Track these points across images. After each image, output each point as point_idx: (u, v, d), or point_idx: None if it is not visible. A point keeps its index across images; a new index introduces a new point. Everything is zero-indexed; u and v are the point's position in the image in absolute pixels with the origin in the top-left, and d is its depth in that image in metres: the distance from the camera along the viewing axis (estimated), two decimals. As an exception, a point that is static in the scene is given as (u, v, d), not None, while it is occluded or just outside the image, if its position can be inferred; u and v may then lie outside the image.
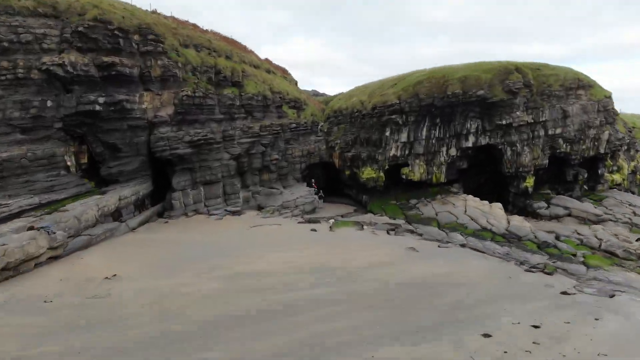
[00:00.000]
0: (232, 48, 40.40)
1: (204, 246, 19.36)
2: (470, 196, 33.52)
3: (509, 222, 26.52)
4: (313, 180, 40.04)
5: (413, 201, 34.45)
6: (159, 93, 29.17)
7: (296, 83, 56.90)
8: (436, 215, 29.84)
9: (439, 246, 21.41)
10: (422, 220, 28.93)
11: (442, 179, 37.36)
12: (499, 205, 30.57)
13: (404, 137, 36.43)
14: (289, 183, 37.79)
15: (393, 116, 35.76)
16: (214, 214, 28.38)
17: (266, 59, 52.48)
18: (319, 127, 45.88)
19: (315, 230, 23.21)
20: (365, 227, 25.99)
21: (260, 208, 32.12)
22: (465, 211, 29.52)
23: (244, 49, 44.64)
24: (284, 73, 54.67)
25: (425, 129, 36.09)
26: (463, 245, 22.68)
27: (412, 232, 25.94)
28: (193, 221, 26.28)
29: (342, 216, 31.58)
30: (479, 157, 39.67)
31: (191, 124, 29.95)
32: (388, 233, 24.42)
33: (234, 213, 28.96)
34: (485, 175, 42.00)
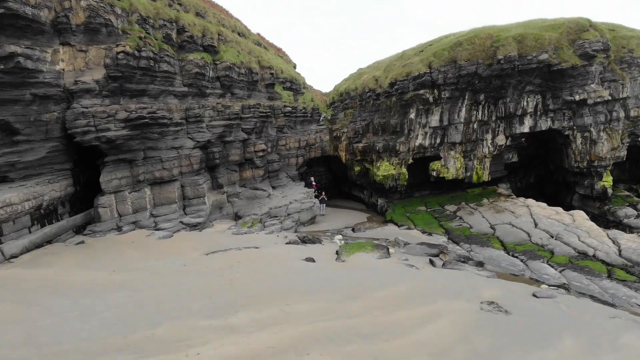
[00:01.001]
0: (208, 7, 30.60)
1: (95, 306, 9.46)
2: (532, 200, 23.45)
3: (616, 242, 16.53)
4: (312, 178, 30.13)
5: (450, 207, 24.43)
6: (82, 49, 19.16)
7: (295, 66, 46.84)
8: (492, 228, 19.81)
9: (534, 295, 11.47)
10: (473, 238, 18.91)
11: (485, 177, 27.39)
12: (583, 214, 20.49)
13: (434, 119, 26.49)
14: (280, 182, 27.95)
15: (420, 91, 25.82)
16: (162, 229, 18.56)
17: (257, 34, 42.71)
18: (322, 117, 36.14)
19: (312, 260, 13.42)
20: (391, 249, 16.11)
21: (237, 217, 22.35)
22: (536, 224, 19.50)
23: (225, 12, 34.81)
24: (279, 52, 44.81)
25: (464, 109, 26.14)
26: (567, 289, 12.81)
27: (466, 259, 15.93)
28: (123, 242, 16.49)
29: (353, 229, 21.70)
30: (529, 149, 29.63)
31: (134, 97, 20.02)
32: (432, 263, 14.50)
33: (194, 226, 19.15)
34: (535, 173, 31.96)
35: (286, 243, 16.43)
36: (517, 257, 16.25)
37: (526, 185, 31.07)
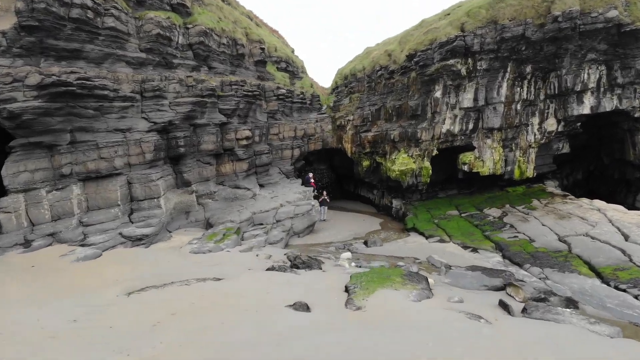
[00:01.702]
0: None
1: None
2: (601, 202, 17.38)
3: None
4: (310, 174, 24.14)
5: (491, 212, 18.34)
6: (-20, -13, 13.58)
7: (293, 51, 40.84)
8: (563, 242, 13.71)
9: None
10: (541, 257, 12.81)
11: (530, 172, 21.35)
12: (688, 220, 14.51)
13: (467, 98, 20.48)
14: (271, 179, 21.97)
15: (450, 62, 19.81)
16: (90, 244, 12.62)
17: (249, 11, 36.87)
18: (324, 108, 30.25)
19: (305, 307, 7.56)
20: (430, 279, 10.10)
21: (209, 225, 16.42)
22: (626, 236, 13.45)
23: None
24: (275, 33, 38.89)
25: (505, 85, 20.13)
26: None
27: (548, 294, 9.94)
28: (17, 265, 10.64)
29: (365, 242, 15.65)
30: (580, 138, 23.57)
31: (64, 59, 14.09)
32: (505, 308, 8.57)
33: (138, 240, 13.21)
34: (583, 167, 25.89)
35: (267, 268, 10.42)
36: (627, 292, 10.26)
37: (573, 183, 25.02)
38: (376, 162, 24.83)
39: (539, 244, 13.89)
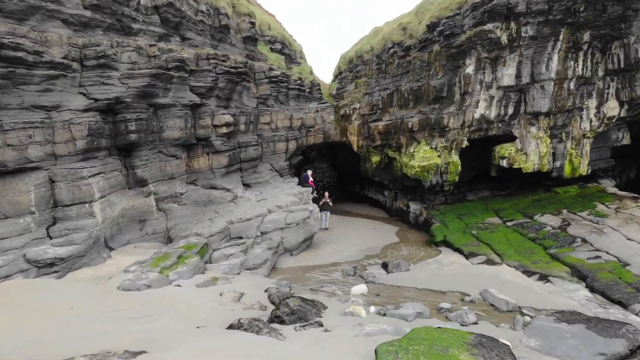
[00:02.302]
0: None
1: None
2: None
3: None
4: (309, 171, 19.59)
5: (544, 219, 13.79)
6: None
7: (290, 37, 36.38)
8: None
9: None
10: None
11: (583, 168, 16.88)
12: None
13: (507, 74, 16.01)
14: (260, 177, 17.51)
15: (487, 26, 15.36)
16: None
17: (240, -11, 32.46)
18: (324, 101, 25.80)
19: None
20: (506, 340, 5.92)
21: (169, 239, 12.04)
22: None
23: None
24: (270, 15, 34.50)
25: (556, 57, 15.68)
26: None
27: None
28: None
29: (385, 265, 11.05)
30: (635, 127, 19.06)
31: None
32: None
33: (46, 267, 8.80)
34: (636, 164, 21.40)
35: (231, 325, 6.01)
36: None
37: (626, 182, 20.54)
38: (388, 158, 20.41)
39: (638, 269, 9.42)
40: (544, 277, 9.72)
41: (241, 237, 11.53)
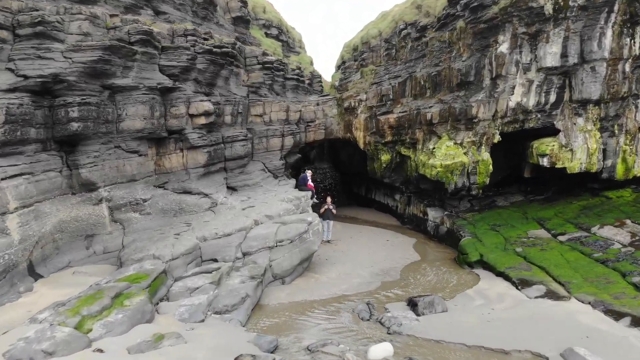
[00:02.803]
0: None
1: None
2: None
3: None
4: (309, 172, 16.44)
5: (606, 232, 10.80)
6: None
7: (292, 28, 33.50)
8: None
9: None
10: None
11: (638, 169, 13.97)
12: None
13: (551, 52, 13.01)
14: (249, 179, 14.50)
15: (527, -7, 12.46)
16: None
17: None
18: (326, 94, 22.82)
19: None
20: None
21: (121, 263, 9.13)
22: None
23: None
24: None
25: (609, 32, 12.67)
26: None
27: None
28: None
29: (412, 304, 7.89)
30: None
31: None
32: None
33: None
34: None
35: None
36: None
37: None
38: (400, 156, 17.46)
39: None
40: (638, 322, 6.75)
41: (215, 260, 8.57)
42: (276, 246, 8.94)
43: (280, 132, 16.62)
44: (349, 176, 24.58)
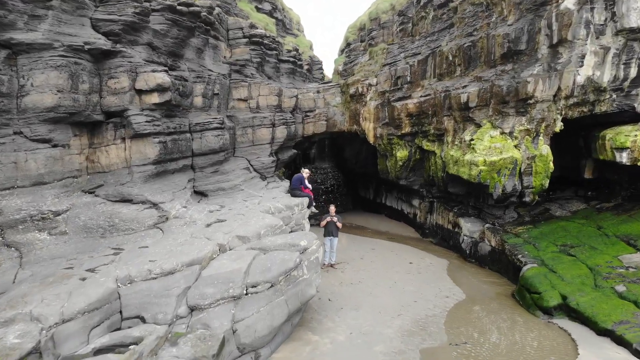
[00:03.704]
0: None
1: None
2: None
3: None
4: (306, 171, 12.46)
5: None
6: None
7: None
8: None
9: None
10: None
11: None
12: None
13: (636, 9, 9.60)
14: (226, 181, 10.99)
15: None
16: None
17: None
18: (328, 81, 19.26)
19: None
20: None
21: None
22: None
23: None
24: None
25: None
26: None
27: None
28: None
29: None
30: None
31: None
32: None
33: None
34: None
35: None
36: None
37: None
38: (421, 151, 13.92)
39: None
40: None
41: (143, 319, 5.02)
42: (247, 294, 5.38)
43: (270, 121, 13.05)
44: (354, 177, 21.03)
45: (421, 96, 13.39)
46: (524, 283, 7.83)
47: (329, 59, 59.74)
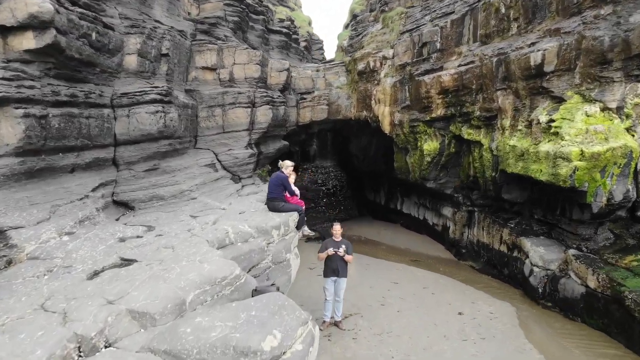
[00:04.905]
0: None
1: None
2: None
3: None
4: (289, 164, 7.60)
5: None
6: None
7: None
8: None
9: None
10: None
11: None
12: None
13: None
14: (166, 184, 7.32)
15: None
16: None
17: None
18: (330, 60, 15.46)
19: None
20: None
21: None
22: None
23: None
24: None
25: None
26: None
27: None
28: None
29: None
30: None
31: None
32: None
33: None
34: None
35: None
36: None
37: None
38: (458, 142, 10.17)
39: None
40: None
41: None
42: None
43: (248, 99, 9.29)
44: (360, 176, 17.29)
45: (459, 65, 9.62)
46: None
47: (330, 44, 55.07)
